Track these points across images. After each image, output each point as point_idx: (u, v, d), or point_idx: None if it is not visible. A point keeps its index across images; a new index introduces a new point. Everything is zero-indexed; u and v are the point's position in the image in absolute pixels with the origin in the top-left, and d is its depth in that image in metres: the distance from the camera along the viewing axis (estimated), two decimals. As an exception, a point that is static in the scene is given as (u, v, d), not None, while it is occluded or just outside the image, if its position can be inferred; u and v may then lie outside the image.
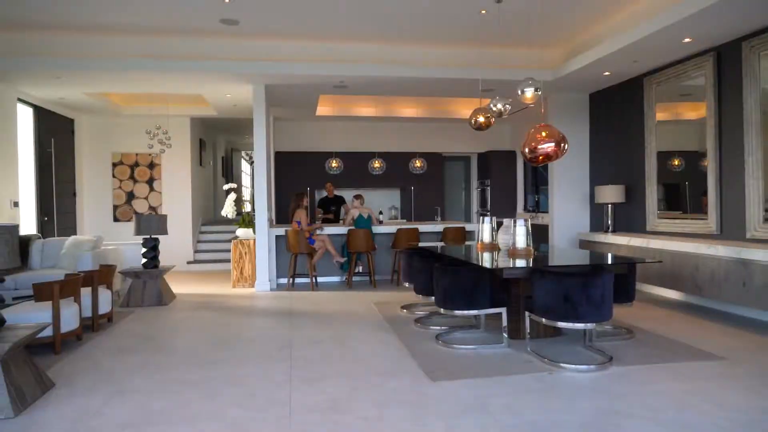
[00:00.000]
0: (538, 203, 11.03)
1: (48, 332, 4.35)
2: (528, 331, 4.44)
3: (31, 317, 4.29)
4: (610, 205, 7.67)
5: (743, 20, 5.22)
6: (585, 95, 8.57)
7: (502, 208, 11.43)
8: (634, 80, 7.40)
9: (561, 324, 3.98)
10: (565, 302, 3.90)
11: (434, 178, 11.80)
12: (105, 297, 5.48)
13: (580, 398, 3.34)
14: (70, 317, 4.64)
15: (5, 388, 3.16)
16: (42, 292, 4.48)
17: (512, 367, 3.95)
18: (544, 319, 4.08)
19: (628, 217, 7.62)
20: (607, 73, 7.28)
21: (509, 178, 11.70)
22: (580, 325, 3.93)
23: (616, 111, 7.91)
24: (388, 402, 3.30)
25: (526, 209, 11.42)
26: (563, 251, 6.43)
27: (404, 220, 11.12)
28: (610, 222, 7.69)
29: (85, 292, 5.14)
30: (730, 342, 4.58)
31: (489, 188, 11.72)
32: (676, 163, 7.06)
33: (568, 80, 7.61)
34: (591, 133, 8.56)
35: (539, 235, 9.45)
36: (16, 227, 3.44)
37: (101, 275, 5.46)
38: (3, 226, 3.29)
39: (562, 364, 3.95)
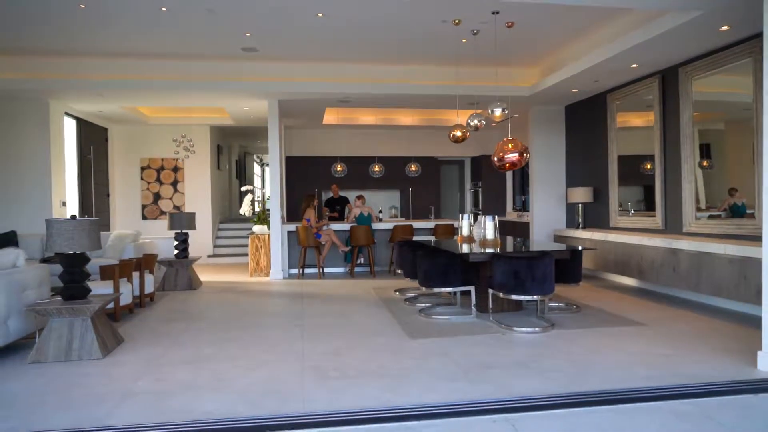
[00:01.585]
0: (524, 203, 12.10)
1: (109, 305, 5.50)
2: (491, 305, 5.55)
3: (97, 291, 5.43)
4: (580, 205, 8.76)
5: (676, 51, 6.30)
6: (561, 107, 9.66)
7: (493, 208, 12.53)
8: (599, 96, 8.49)
9: (513, 296, 5.10)
10: (515, 279, 5.02)
11: (430, 180, 12.92)
12: (149, 280, 6.65)
13: (519, 348, 4.45)
14: (126, 294, 5.81)
15: (95, 337, 4.32)
16: (106, 272, 5.64)
17: (475, 330, 5.07)
18: (501, 293, 5.20)
19: (596, 215, 8.70)
20: (575, 90, 8.37)
21: (499, 180, 12.78)
22: (527, 297, 5.05)
23: (586, 121, 9.00)
24: (376, 350, 4.43)
25: (514, 208, 12.50)
26: (525, 242, 7.52)
27: (403, 218, 12.24)
28: (580, 219, 8.78)
29: (133, 276, 6.30)
30: (656, 314, 5.67)
31: (481, 189, 12.82)
32: (648, 166, 8.09)
33: (544, 95, 8.69)
34: (567, 141, 9.65)
35: (523, 231, 10.56)
36: (98, 221, 4.59)
37: (146, 261, 6.61)
38: (91, 220, 4.43)
39: (514, 328, 5.06)
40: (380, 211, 11.93)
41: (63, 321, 4.30)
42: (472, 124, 6.73)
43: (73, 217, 4.43)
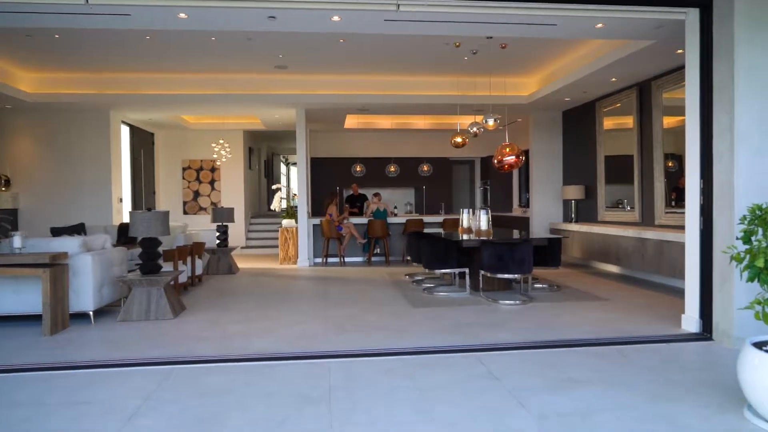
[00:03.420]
0: (529, 200, 13.10)
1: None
2: (483, 285, 6.67)
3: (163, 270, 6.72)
4: (573, 201, 9.79)
5: (646, 68, 7.31)
6: (559, 113, 10.67)
7: (500, 204, 13.58)
8: (589, 103, 9.50)
9: (498, 275, 6.22)
10: (499, 261, 6.13)
11: (442, 179, 14.04)
12: (198, 264, 7.94)
13: (499, 315, 5.58)
14: (184, 273, 7.08)
15: (167, 302, 5.58)
16: (168, 255, 6.92)
17: (467, 303, 6.20)
18: (488, 273, 6.32)
19: (587, 210, 9.72)
20: (567, 99, 9.40)
21: (506, 179, 13.79)
22: (509, 275, 6.16)
23: (579, 126, 10.01)
24: (384, 315, 5.60)
25: (519, 205, 13.52)
26: (519, 232, 8.58)
27: (417, 214, 13.38)
28: (573, 214, 9.81)
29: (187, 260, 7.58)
30: (622, 293, 6.72)
31: (489, 187, 13.88)
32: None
33: (541, 102, 9.73)
34: (564, 143, 10.66)
35: (526, 225, 11.59)
36: (167, 212, 5.85)
37: (196, 248, 7.90)
38: (164, 212, 5.69)
39: (499, 301, 6.18)
40: (395, 207, 13.10)
41: (143, 290, 5.57)
42: (471, 131, 7.84)
43: (149, 209, 5.70)
